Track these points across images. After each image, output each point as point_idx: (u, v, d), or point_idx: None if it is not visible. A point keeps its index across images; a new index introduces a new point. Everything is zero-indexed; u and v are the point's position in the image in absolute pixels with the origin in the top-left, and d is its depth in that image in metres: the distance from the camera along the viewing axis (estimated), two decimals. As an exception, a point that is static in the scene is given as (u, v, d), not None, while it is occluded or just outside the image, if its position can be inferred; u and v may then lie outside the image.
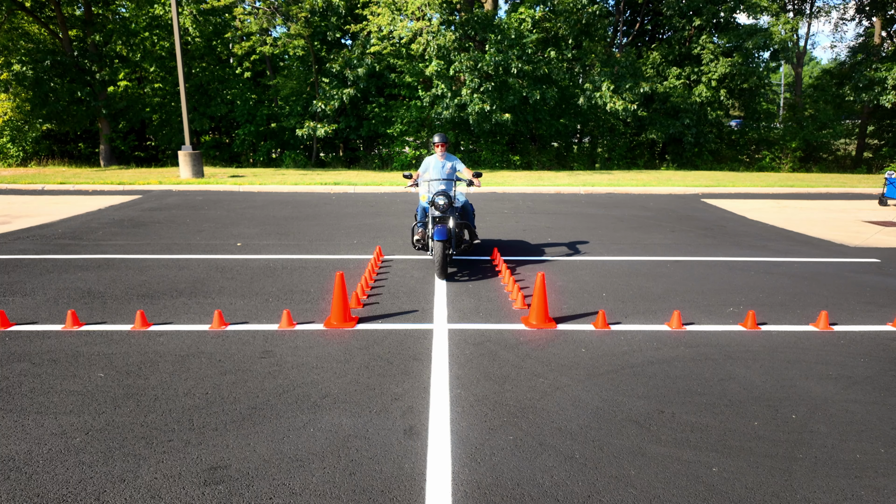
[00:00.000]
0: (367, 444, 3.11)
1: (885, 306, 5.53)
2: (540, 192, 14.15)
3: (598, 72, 20.10)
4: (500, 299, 5.67)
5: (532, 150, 22.36)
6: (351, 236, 8.63)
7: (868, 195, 13.84)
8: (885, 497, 2.72)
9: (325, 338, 4.62)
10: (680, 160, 22.74)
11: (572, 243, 8.29)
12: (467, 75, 18.95)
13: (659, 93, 21.83)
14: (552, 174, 18.24)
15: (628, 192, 14.34)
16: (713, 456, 3.05)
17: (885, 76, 21.12)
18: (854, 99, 22.52)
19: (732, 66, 21.24)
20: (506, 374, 4.00)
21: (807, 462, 3.00)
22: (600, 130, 23.55)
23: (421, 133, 21.45)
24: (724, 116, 23.80)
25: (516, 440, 3.17)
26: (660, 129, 21.73)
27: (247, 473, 2.84)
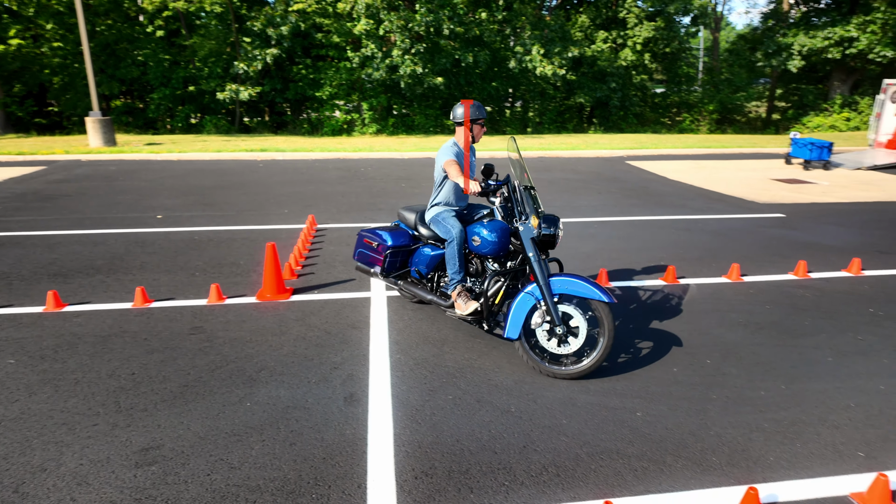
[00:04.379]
0: (307, 413, 3.10)
1: (788, 257, 6.03)
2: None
3: (528, 35, 20.14)
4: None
5: (465, 115, 22.30)
6: (282, 205, 8.36)
7: (776, 155, 14.87)
8: (784, 427, 3.03)
9: (258, 311, 4.50)
10: (607, 123, 23.41)
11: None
12: (398, 35, 18.46)
13: (587, 57, 22.21)
14: (485, 138, 18.31)
15: (559, 155, 14.66)
16: (637, 402, 3.27)
17: (792, 42, 22.46)
18: (765, 64, 23.85)
19: (656, 30, 21.88)
20: (444, 336, 4.07)
21: (719, 401, 3.28)
22: (531, 94, 23.75)
23: (352, 96, 20.82)
24: (649, 80, 24.62)
25: (455, 399, 3.26)
26: (588, 93, 22.20)
27: (181, 452, 2.76)
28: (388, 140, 17.41)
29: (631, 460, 2.75)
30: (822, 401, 3.29)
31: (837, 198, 9.28)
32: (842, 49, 21.56)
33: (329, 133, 20.09)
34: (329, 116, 21.02)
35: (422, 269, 4.17)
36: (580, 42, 22.11)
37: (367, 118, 20.47)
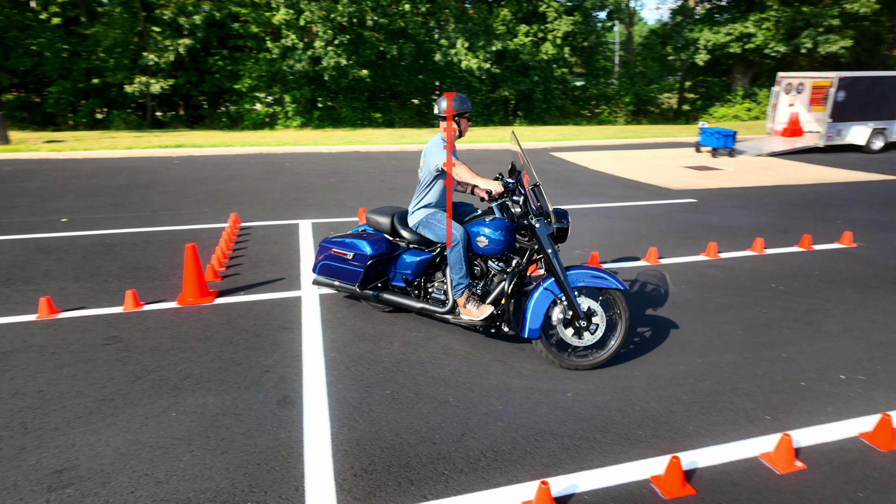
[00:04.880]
0: (239, 420, 2.99)
1: (699, 239, 6.45)
2: (404, 150, 14.13)
3: (452, 28, 20.23)
4: (368, 259, 5.64)
5: (393, 108, 22.11)
6: (201, 204, 7.96)
7: (687, 143, 15.82)
8: (701, 398, 3.24)
9: (179, 316, 4.27)
10: (531, 116, 23.98)
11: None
12: (320, 26, 17.98)
13: (510, 50, 22.62)
14: (415, 132, 18.27)
15: (487, 148, 14.88)
16: (567, 383, 3.39)
17: (698, 37, 23.91)
18: (675, 57, 25.26)
19: (574, 24, 22.60)
20: (380, 332, 4.04)
21: (643, 378, 3.47)
22: (458, 88, 23.90)
23: (273, 88, 20.09)
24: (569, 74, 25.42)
25: (393, 394, 3.25)
26: (512, 87, 22.63)
27: (100, 471, 2.58)
28: (313, 133, 16.97)
29: (564, 440, 2.86)
30: (733, 371, 3.56)
31: (742, 183, 10.01)
32: (742, 44, 23.20)
33: (250, 127, 19.30)
34: (249, 110, 20.18)
35: (408, 276, 3.93)
36: (503, 36, 22.47)
37: (291, 111, 19.85)
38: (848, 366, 3.64)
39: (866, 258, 5.84)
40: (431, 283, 3.99)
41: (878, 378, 3.49)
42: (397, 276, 4.00)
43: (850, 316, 4.40)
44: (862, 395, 3.31)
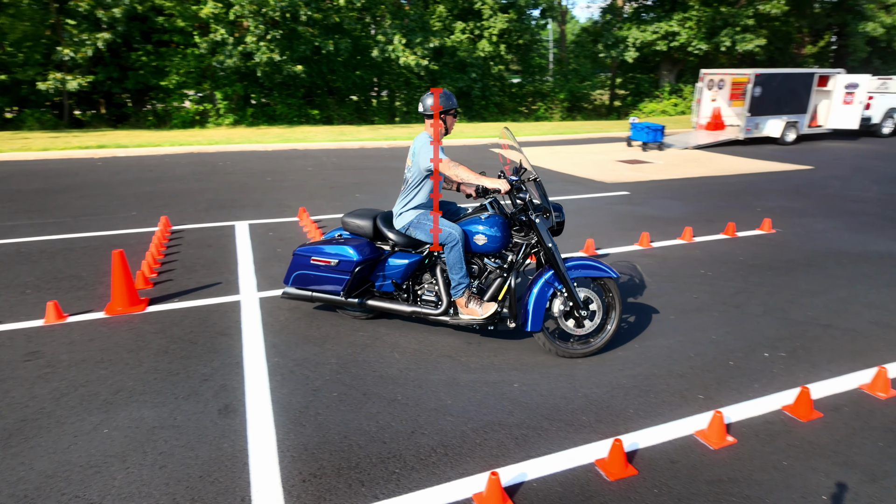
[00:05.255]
0: (178, 432, 2.86)
1: (632, 229, 6.72)
2: (344, 148, 13.92)
3: (389, 24, 20.07)
4: (310, 260, 5.53)
5: (331, 104, 21.72)
6: (128, 207, 7.53)
7: (619, 138, 16.42)
8: (640, 382, 3.39)
9: (108, 327, 4.04)
10: (470, 113, 24.19)
11: (381, 197, 8.38)
12: (251, 21, 17.38)
13: (447, 47, 22.71)
14: (354, 129, 18.03)
15: (427, 143, 14.89)
16: (514, 374, 3.46)
17: (627, 35, 24.87)
18: (606, 55, 26.16)
19: (509, 22, 22.96)
20: (325, 333, 3.97)
21: (584, 365, 3.58)
22: (397, 84, 23.78)
23: (203, 85, 19.27)
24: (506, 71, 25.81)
25: (340, 396, 3.20)
26: (450, 83, 22.74)
27: (24, 496, 2.41)
28: (247, 131, 16.41)
29: (512, 429, 2.92)
30: (668, 354, 3.74)
31: (670, 175, 10.51)
32: (667, 42, 24.33)
33: (179, 125, 18.44)
34: (178, 107, 19.27)
35: (397, 279, 3.82)
36: (440, 32, 22.53)
37: (223, 108, 19.11)
38: (771, 344, 3.90)
39: (784, 243, 6.28)
40: (420, 286, 3.90)
41: (797, 354, 3.77)
42: (384, 281, 3.85)
43: (771, 297, 4.72)
44: (784, 370, 3.56)
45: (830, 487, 2.54)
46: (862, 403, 3.20)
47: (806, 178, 10.32)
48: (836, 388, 3.34)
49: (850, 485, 2.55)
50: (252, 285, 4.84)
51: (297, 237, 6.26)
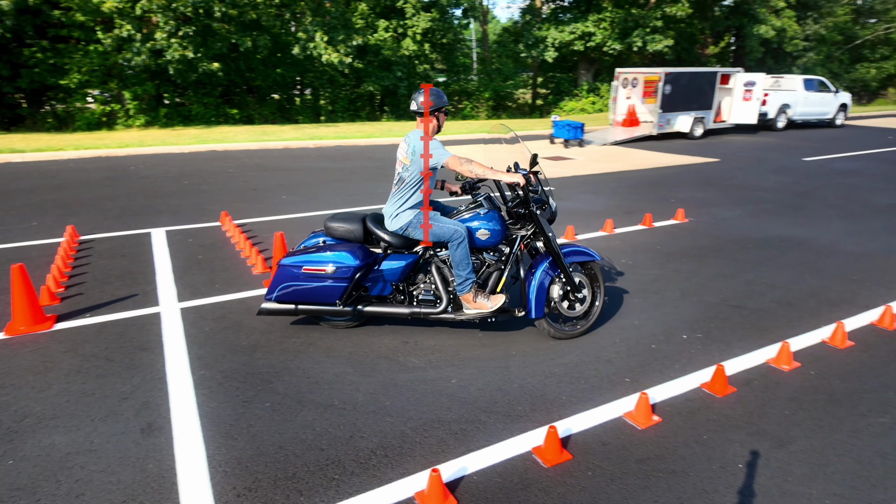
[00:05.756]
0: (95, 457, 2.66)
1: (558, 223, 6.94)
2: (267, 148, 13.45)
3: (309, 21, 19.60)
4: (237, 266, 5.31)
5: (251, 103, 20.92)
6: (27, 217, 6.91)
7: (542, 136, 16.93)
8: (571, 369, 3.52)
9: (9, 348, 3.69)
10: (398, 111, 24.11)
11: (309, 199, 8.18)
12: (160, 16, 16.41)
13: (371, 45, 22.49)
14: (277, 128, 17.46)
15: (356, 143, 14.68)
16: (451, 370, 3.49)
17: (546, 35, 25.65)
18: (527, 55, 26.86)
19: (432, 21, 23.06)
20: (254, 342, 3.83)
21: (519, 356, 3.67)
22: (321, 82, 23.27)
23: (109, 84, 17.99)
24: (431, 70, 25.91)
25: (274, 405, 3.10)
26: (376, 82, 22.56)
27: (-86, 543, 2.16)
28: (161, 133, 15.50)
29: (451, 425, 2.94)
30: (595, 342, 3.90)
31: (591, 170, 10.96)
32: (584, 42, 25.32)
33: (84, 128, 17.11)
34: (82, 108, 17.88)
35: (395, 281, 3.76)
36: (363, 30, 22.27)
37: (132, 109, 17.93)
38: (688, 326, 4.17)
39: (696, 231, 6.71)
40: (414, 286, 3.86)
41: (712, 335, 4.04)
42: (381, 284, 3.76)
43: (687, 282, 5.04)
44: (700, 350, 3.81)
45: (745, 456, 2.74)
46: (769, 376, 3.48)
47: (713, 169, 11.09)
48: (746, 364, 3.62)
49: (762, 452, 2.77)
50: (172, 295, 4.58)
51: (220, 243, 5.99)
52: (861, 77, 35.66)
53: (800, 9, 29.35)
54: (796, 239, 6.40)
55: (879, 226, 6.95)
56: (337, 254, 3.61)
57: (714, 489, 2.52)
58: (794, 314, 4.39)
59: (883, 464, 2.69)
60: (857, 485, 2.55)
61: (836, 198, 8.51)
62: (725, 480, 2.57)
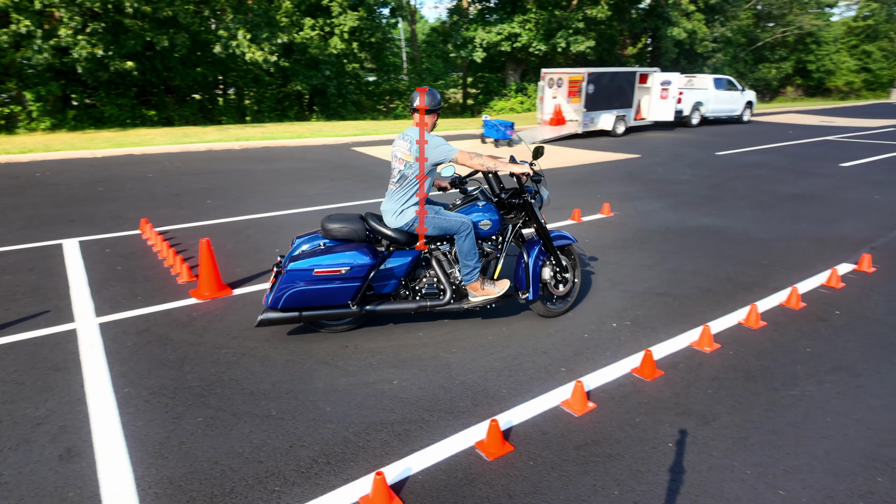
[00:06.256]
0: (6, 490, 2.44)
1: (494, 221, 7.07)
2: (189, 151, 12.82)
3: (231, 18, 18.85)
4: (160, 276, 5.03)
5: (170, 104, 19.87)
6: (-84, 232, 6.24)
7: (474, 135, 17.15)
8: (509, 363, 3.59)
9: None
10: (328, 111, 23.67)
11: (236, 202, 7.87)
12: (63, 11, 15.25)
13: (297, 44, 21.94)
14: (199, 129, 16.68)
15: (284, 144, 14.28)
16: (392, 371, 3.47)
17: (474, 36, 25.99)
18: (456, 55, 27.11)
19: (360, 20, 22.80)
20: (183, 355, 3.64)
21: (458, 353, 3.70)
22: (245, 81, 22.44)
23: (7, 84, 16.53)
24: (360, 69, 25.62)
25: (206, 420, 2.96)
26: (304, 81, 22.03)
27: None
28: (70, 137, 14.42)
29: (394, 427, 2.92)
30: (532, 334, 4.00)
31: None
32: (511, 43, 25.86)
33: (-21, 132, 15.64)
34: (-25, 111, 16.33)
35: (401, 277, 3.82)
36: (287, 28, 21.67)
37: (36, 111, 16.58)
38: (617, 315, 4.35)
39: (621, 224, 7.02)
40: (416, 281, 3.94)
41: (639, 322, 4.25)
42: (387, 282, 3.78)
43: (615, 273, 5.26)
44: (629, 337, 3.99)
45: (674, 435, 2.90)
46: (693, 358, 3.70)
47: (635, 165, 11.64)
48: (672, 348, 3.83)
49: (689, 430, 2.94)
50: (89, 310, 4.28)
51: (140, 252, 5.66)
52: (763, 76, 38.61)
53: (708, 12, 31.32)
54: (712, 228, 6.83)
55: (784, 214, 7.55)
56: (350, 253, 3.59)
57: (647, 469, 2.65)
58: (713, 299, 4.69)
59: (795, 432, 2.93)
60: (774, 454, 2.76)
61: (746, 189, 9.17)
62: (657, 460, 2.71)
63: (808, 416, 3.06)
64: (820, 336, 4.02)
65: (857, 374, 3.51)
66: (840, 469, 2.65)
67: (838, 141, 15.65)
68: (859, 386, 3.37)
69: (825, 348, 3.84)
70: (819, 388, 3.34)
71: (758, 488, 2.53)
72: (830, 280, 4.99)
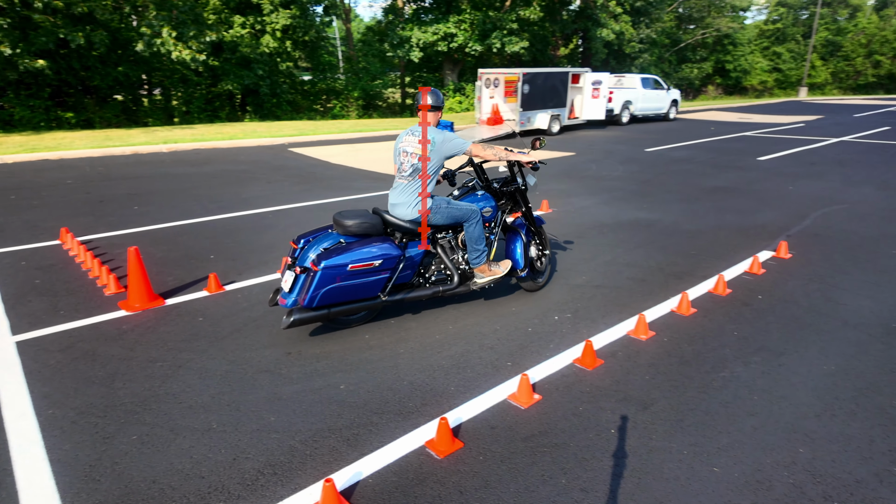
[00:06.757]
0: (-88, 529, 2.22)
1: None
2: (112, 155, 12.11)
3: (154, 15, 17.93)
4: (85, 289, 4.73)
5: (90, 105, 18.67)
6: None
7: (414, 134, 17.15)
8: (457, 360, 3.61)
9: None
10: (261, 111, 22.98)
11: (165, 208, 7.50)
12: (-39, 6, 14.03)
13: (227, 42, 21.15)
14: (123, 132, 15.77)
15: (216, 146, 13.74)
16: (339, 376, 3.42)
17: (410, 35, 25.96)
18: (393, 54, 26.98)
19: (292, 18, 22.26)
20: (113, 371, 3.44)
21: (406, 354, 3.69)
22: (172, 81, 21.40)
23: None
24: (295, 68, 25.02)
25: (142, 437, 2.81)
26: (235, 80, 21.28)
27: None
28: (-24, 142, 13.28)
29: (343, 432, 2.88)
30: (478, 330, 4.05)
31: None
32: (447, 43, 26.01)
33: None
34: None
35: (417, 267, 4.04)
36: (216, 26, 20.87)
37: (-66, 115, 15.18)
38: (559, 308, 4.48)
39: (560, 220, 7.22)
40: (426, 269, 4.17)
41: (579, 314, 4.38)
42: (405, 272, 3.94)
43: (555, 267, 5.40)
44: (571, 329, 4.11)
45: (616, 421, 3.02)
46: (631, 346, 3.86)
47: (570, 163, 12.00)
48: (611, 338, 3.98)
49: (629, 416, 3.07)
50: (3, 328, 3.96)
51: (61, 264, 5.30)
52: (686, 76, 40.74)
53: (634, 14, 32.70)
54: (644, 221, 7.15)
55: (710, 206, 8.00)
56: (381, 246, 3.73)
57: (592, 456, 2.74)
58: (646, 289, 4.91)
59: (726, 412, 3.11)
60: (708, 433, 2.92)
61: (674, 183, 9.65)
62: (601, 446, 2.81)
63: (738, 396, 3.25)
64: (745, 320, 4.29)
65: (779, 353, 3.77)
66: (767, 443, 2.84)
67: (755, 136, 16.75)
68: (781, 365, 3.62)
69: (750, 331, 4.10)
70: (746, 368, 3.57)
71: (694, 467, 2.67)
72: (752, 267, 5.33)
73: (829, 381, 3.42)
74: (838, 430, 2.94)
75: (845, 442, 2.85)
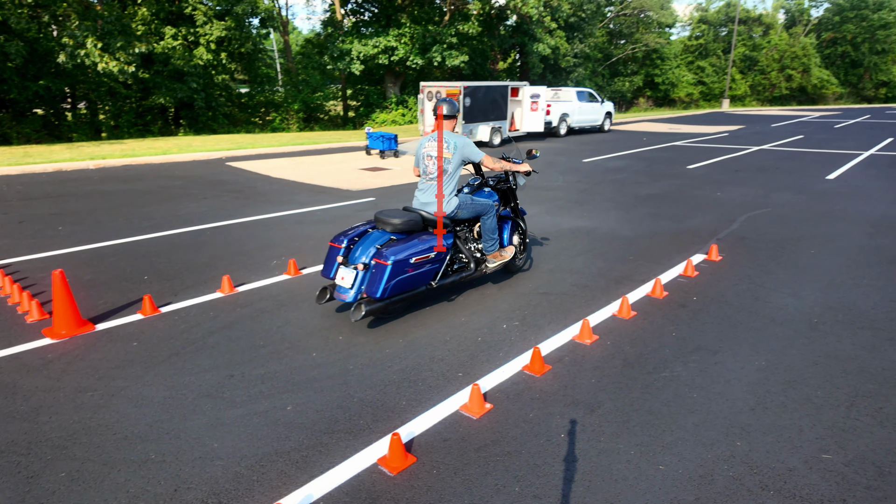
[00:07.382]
0: None
1: (383, 233, 7.05)
2: (32, 172, 11.34)
3: (76, 25, 17.03)
4: (3, 316, 4.38)
5: (5, 120, 17.46)
6: None
7: (358, 147, 17.03)
8: (407, 374, 3.58)
9: None
10: (196, 125, 22.22)
11: (93, 228, 7.08)
12: None
13: (158, 54, 20.37)
14: (44, 148, 14.81)
15: (148, 161, 13.14)
16: (286, 396, 3.31)
17: (350, 48, 25.85)
18: (333, 67, 26.76)
19: (227, 30, 21.71)
20: (38, 404, 3.19)
21: (356, 370, 3.63)
22: (98, 94, 20.36)
23: None
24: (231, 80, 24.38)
25: (71, 473, 2.62)
26: (167, 93, 20.50)
27: None
28: None
29: (291, 454, 2.79)
30: (428, 343, 4.04)
31: (407, 179, 11.33)
32: (388, 56, 26.07)
33: None
34: None
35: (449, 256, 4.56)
36: (145, 37, 20.06)
37: None
38: (507, 316, 4.53)
39: (505, 229, 7.33)
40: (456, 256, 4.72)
41: (527, 321, 4.45)
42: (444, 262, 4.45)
43: (501, 277, 5.48)
44: (519, 337, 4.17)
45: (565, 426, 3.07)
46: (576, 351, 3.95)
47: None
48: (557, 343, 4.06)
49: (577, 419, 3.13)
50: None
51: (-23, 290, 4.89)
52: (619, 89, 42.59)
53: (568, 30, 33.95)
54: (584, 229, 7.37)
55: (645, 212, 8.36)
56: (426, 241, 4.19)
57: (544, 462, 2.77)
58: (589, 294, 5.06)
59: (668, 411, 3.23)
60: (652, 432, 3.03)
61: (611, 192, 10.02)
62: (552, 451, 2.85)
63: (678, 395, 3.39)
64: (682, 321, 4.49)
65: (714, 352, 3.96)
66: (707, 439, 2.97)
67: (684, 146, 17.68)
68: (717, 362, 3.81)
69: (687, 331, 4.29)
70: (685, 367, 3.73)
71: (641, 466, 2.75)
72: (686, 270, 5.59)
73: (760, 375, 3.62)
74: (770, 421, 3.12)
75: (777, 433, 3.02)
